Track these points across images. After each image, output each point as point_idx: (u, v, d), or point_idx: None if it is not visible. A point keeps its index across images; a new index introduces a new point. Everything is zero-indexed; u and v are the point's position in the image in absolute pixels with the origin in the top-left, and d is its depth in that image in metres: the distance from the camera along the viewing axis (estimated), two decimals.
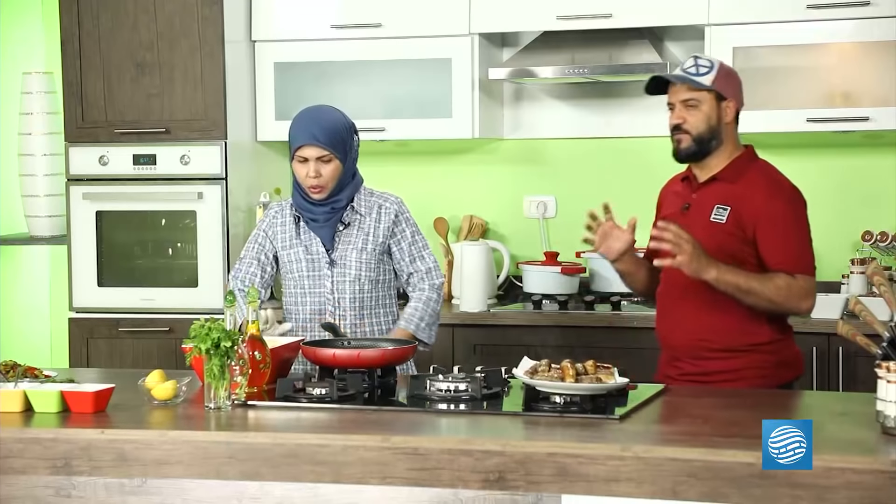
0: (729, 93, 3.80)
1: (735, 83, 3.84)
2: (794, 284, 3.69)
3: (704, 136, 3.79)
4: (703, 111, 3.79)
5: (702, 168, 3.84)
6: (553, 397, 3.30)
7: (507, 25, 5.44)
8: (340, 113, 4.12)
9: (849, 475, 2.75)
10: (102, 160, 5.50)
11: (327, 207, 4.04)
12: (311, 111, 4.08)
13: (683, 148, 3.82)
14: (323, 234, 4.06)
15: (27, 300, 6.19)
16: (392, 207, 4.10)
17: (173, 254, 5.53)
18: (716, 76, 3.78)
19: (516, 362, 3.44)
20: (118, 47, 5.48)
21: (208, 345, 3.29)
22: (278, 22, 5.57)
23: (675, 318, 3.83)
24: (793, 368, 3.85)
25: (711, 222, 3.76)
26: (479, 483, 2.95)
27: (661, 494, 2.85)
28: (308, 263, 4.07)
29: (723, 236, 3.74)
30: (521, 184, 5.75)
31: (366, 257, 4.05)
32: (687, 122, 3.79)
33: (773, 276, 3.69)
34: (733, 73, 3.86)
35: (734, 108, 3.82)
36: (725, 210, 3.76)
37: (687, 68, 3.81)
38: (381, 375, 3.66)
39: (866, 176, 5.34)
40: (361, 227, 4.07)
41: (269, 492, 3.11)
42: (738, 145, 3.86)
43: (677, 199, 3.91)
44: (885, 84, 5.00)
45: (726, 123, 3.81)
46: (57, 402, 3.31)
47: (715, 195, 3.79)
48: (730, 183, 3.79)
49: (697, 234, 3.74)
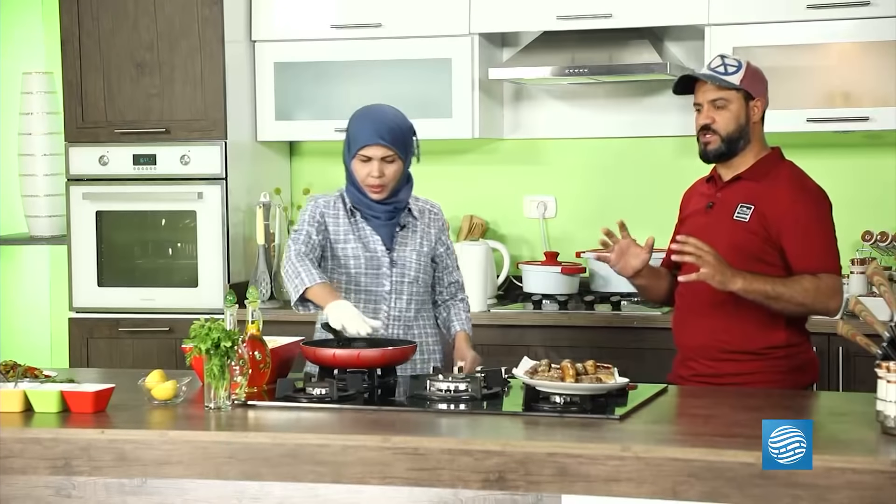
0: (757, 91, 3.80)
1: (762, 82, 3.83)
2: (820, 285, 3.68)
3: (734, 135, 3.77)
4: (732, 111, 3.77)
5: (727, 167, 3.83)
6: (553, 397, 3.30)
7: (507, 25, 5.43)
8: (402, 114, 4.06)
9: (849, 475, 2.75)
10: (102, 160, 5.50)
11: (390, 206, 3.98)
12: (375, 110, 4.02)
13: (712, 149, 3.79)
14: (383, 232, 4.00)
15: (27, 300, 6.19)
16: (440, 214, 4.13)
17: (173, 254, 5.53)
18: (744, 75, 3.77)
19: (516, 362, 3.44)
20: (118, 47, 5.48)
21: (208, 345, 3.29)
22: (278, 22, 5.57)
23: (692, 318, 3.81)
24: (807, 374, 3.83)
25: (734, 220, 3.75)
26: (479, 483, 2.95)
27: (661, 494, 2.85)
28: (367, 260, 3.99)
29: (745, 234, 3.72)
30: (521, 184, 5.75)
31: (423, 259, 4.04)
32: (716, 122, 3.77)
33: (799, 279, 3.67)
34: (760, 72, 3.85)
35: (762, 107, 3.81)
36: (749, 209, 3.74)
37: (715, 67, 3.79)
38: (381, 375, 3.66)
39: (866, 176, 5.34)
40: (416, 230, 4.05)
41: (269, 492, 3.11)
42: (764, 145, 3.86)
43: (702, 199, 3.89)
44: (885, 84, 4.99)
45: (754, 123, 3.80)
46: (57, 402, 3.31)
47: (739, 194, 3.78)
48: (755, 182, 3.78)
49: (720, 231, 3.74)
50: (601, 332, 5.06)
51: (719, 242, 3.69)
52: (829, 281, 3.70)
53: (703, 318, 3.78)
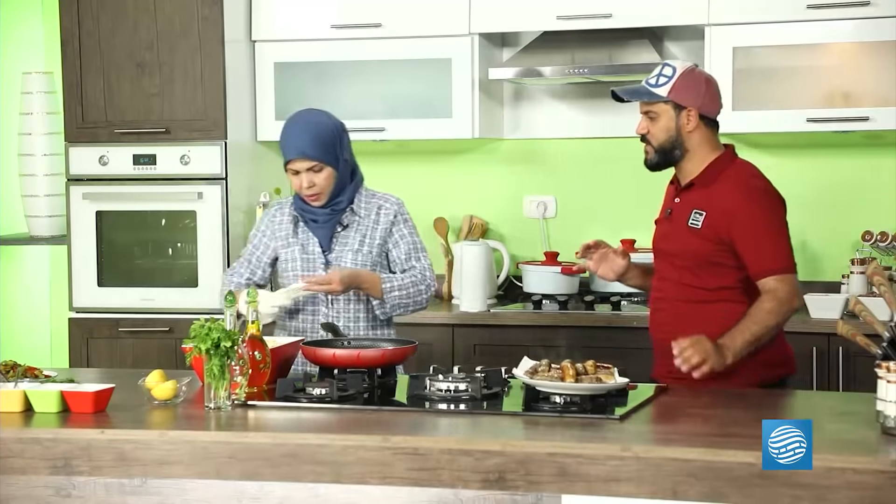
0: (688, 101, 3.76)
1: (697, 89, 3.77)
2: (779, 296, 3.66)
3: (665, 146, 3.80)
4: (662, 122, 3.79)
5: (680, 172, 3.86)
6: (553, 397, 3.30)
7: (507, 25, 5.43)
8: (326, 116, 4.09)
9: (849, 475, 2.75)
10: (102, 160, 5.50)
11: (328, 209, 4.04)
12: (297, 121, 4.06)
13: (648, 160, 3.86)
14: (321, 234, 4.06)
15: (27, 300, 6.19)
16: (391, 209, 4.09)
17: (173, 254, 5.53)
18: (672, 86, 3.75)
19: (516, 362, 3.44)
20: (118, 47, 5.48)
21: (208, 345, 3.29)
22: (278, 22, 5.57)
23: (665, 317, 3.85)
24: (782, 367, 3.83)
25: (688, 227, 3.78)
26: (479, 483, 2.95)
27: (661, 494, 2.85)
28: (304, 263, 4.06)
29: (699, 241, 3.75)
30: (521, 184, 5.75)
31: (361, 259, 4.04)
32: (650, 132, 3.82)
33: (760, 304, 3.67)
34: (699, 78, 3.80)
35: (696, 116, 3.78)
36: (701, 215, 3.76)
37: (648, 78, 3.81)
38: (381, 375, 3.66)
39: (866, 176, 5.34)
40: (359, 228, 4.06)
41: (269, 492, 3.11)
42: (714, 148, 3.83)
43: (667, 204, 3.94)
44: (885, 84, 4.99)
45: (689, 132, 3.79)
46: (57, 402, 3.31)
47: (693, 200, 3.80)
48: (705, 187, 3.79)
49: (677, 239, 3.80)
50: (601, 332, 5.06)
51: (676, 250, 3.80)
52: (784, 286, 3.68)
53: (675, 317, 3.80)
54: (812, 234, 5.39)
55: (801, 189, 5.40)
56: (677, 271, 3.80)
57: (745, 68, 5.11)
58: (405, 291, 4.02)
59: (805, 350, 4.86)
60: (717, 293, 3.75)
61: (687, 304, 3.78)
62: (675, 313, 3.80)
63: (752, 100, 5.14)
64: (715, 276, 3.75)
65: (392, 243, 4.08)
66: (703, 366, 3.56)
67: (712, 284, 3.75)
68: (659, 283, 3.89)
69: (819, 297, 5.00)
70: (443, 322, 5.24)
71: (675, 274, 3.81)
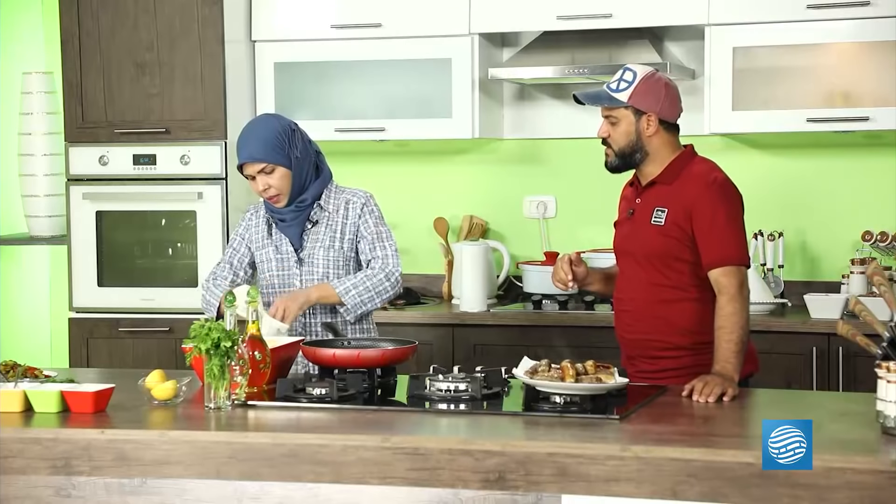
0: (647, 106, 3.76)
1: (656, 94, 3.77)
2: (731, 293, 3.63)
3: (626, 150, 3.80)
4: (622, 127, 3.79)
5: (640, 173, 3.87)
6: (553, 397, 3.30)
7: (507, 25, 5.43)
8: (275, 118, 4.14)
9: (849, 475, 2.75)
10: (102, 160, 5.51)
11: (293, 207, 4.06)
12: (245, 128, 4.11)
13: (608, 162, 3.85)
14: (291, 233, 4.09)
15: (27, 300, 6.19)
16: (359, 202, 4.11)
17: (173, 254, 5.54)
18: (633, 91, 3.75)
19: (516, 362, 3.44)
20: (118, 47, 5.48)
21: (208, 345, 3.29)
22: (278, 22, 5.57)
23: (628, 318, 3.85)
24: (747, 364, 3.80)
25: (652, 225, 3.78)
26: (479, 483, 2.95)
27: (661, 494, 2.85)
28: (277, 263, 4.09)
29: (662, 239, 3.76)
30: (521, 184, 5.75)
31: (333, 255, 4.06)
32: (611, 136, 3.82)
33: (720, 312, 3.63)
34: (658, 82, 3.79)
35: (655, 120, 3.77)
36: (664, 212, 3.77)
37: (609, 83, 3.81)
38: (381, 375, 3.66)
39: (866, 176, 5.34)
40: (329, 224, 4.08)
41: (269, 492, 3.11)
42: (674, 149, 3.83)
43: (626, 205, 3.94)
44: (885, 84, 4.99)
45: (649, 136, 3.78)
46: (57, 402, 3.31)
47: (654, 198, 3.81)
48: (667, 185, 3.80)
49: (640, 238, 3.80)
50: (601, 332, 5.05)
51: (640, 249, 3.79)
52: (729, 280, 3.65)
53: (638, 318, 3.81)
54: (812, 234, 5.39)
55: (801, 189, 5.40)
56: (643, 270, 3.80)
57: (745, 68, 5.11)
58: (362, 286, 4.01)
59: (805, 350, 4.87)
60: (684, 291, 3.75)
61: (654, 304, 3.78)
62: (642, 313, 3.80)
63: (752, 100, 5.14)
64: (680, 273, 3.75)
65: (360, 236, 4.09)
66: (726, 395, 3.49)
67: (678, 282, 3.75)
68: (623, 283, 3.88)
69: (819, 297, 5.00)
70: (443, 322, 5.24)
71: (640, 273, 3.81)
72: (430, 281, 5.79)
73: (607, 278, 4.01)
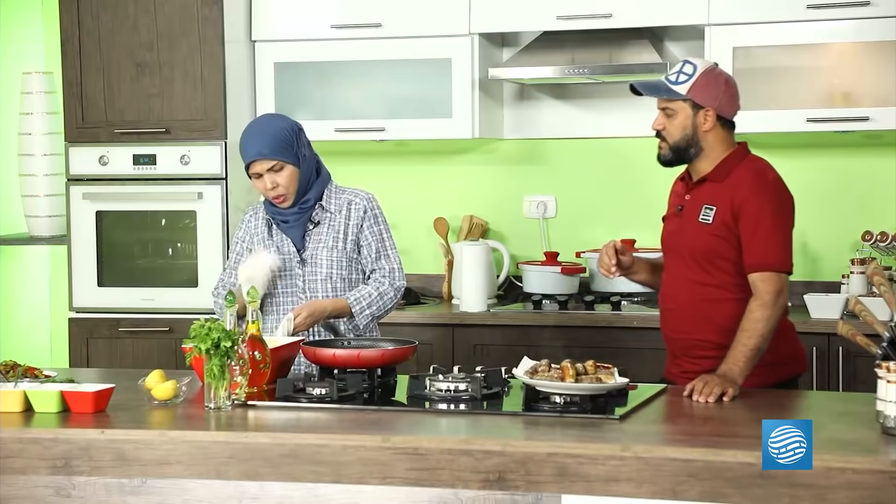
0: (707, 101, 3.74)
1: (716, 89, 3.76)
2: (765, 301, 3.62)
3: (681, 144, 3.77)
4: (679, 120, 3.76)
5: (693, 169, 3.84)
6: (553, 397, 3.30)
7: (507, 25, 5.43)
8: (280, 117, 4.14)
9: (849, 475, 2.76)
10: (102, 160, 5.51)
11: (296, 208, 4.06)
12: (251, 126, 4.10)
13: (662, 155, 3.83)
14: (293, 234, 4.08)
15: (27, 300, 6.19)
16: (362, 203, 4.11)
17: (173, 254, 5.54)
18: (693, 84, 3.73)
19: (516, 362, 3.44)
20: (118, 47, 5.48)
21: (208, 345, 3.29)
22: (278, 22, 5.57)
23: (672, 316, 3.84)
24: (792, 366, 3.83)
25: (699, 223, 3.76)
26: (479, 483, 2.95)
27: (661, 494, 2.85)
28: (280, 264, 4.07)
29: (708, 237, 3.74)
30: (521, 184, 5.75)
31: (336, 255, 4.06)
32: (666, 129, 3.79)
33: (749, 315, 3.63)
34: (719, 78, 3.78)
35: (713, 116, 3.76)
36: (712, 210, 3.75)
37: (668, 75, 3.79)
38: (381, 375, 3.66)
39: (866, 176, 5.34)
40: (332, 224, 4.08)
41: (269, 492, 3.11)
42: (728, 146, 3.81)
43: (676, 200, 3.92)
44: (885, 84, 4.99)
45: (705, 132, 3.77)
46: (57, 402, 3.31)
47: (704, 196, 3.79)
48: (718, 182, 3.78)
49: (687, 235, 3.78)
50: (601, 332, 5.06)
51: (686, 246, 3.78)
52: (768, 286, 3.64)
53: (684, 317, 3.80)
54: (812, 234, 5.38)
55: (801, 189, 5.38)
56: (688, 268, 3.78)
57: (745, 68, 5.10)
58: (375, 306, 4.05)
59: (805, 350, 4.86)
60: (728, 291, 3.73)
61: (697, 303, 3.75)
62: (686, 311, 3.78)
63: (752, 100, 5.11)
64: (725, 272, 3.73)
65: (362, 238, 4.09)
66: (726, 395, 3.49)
67: (722, 281, 3.73)
68: (669, 280, 3.87)
69: (819, 297, 5.00)
70: (443, 322, 5.24)
71: (685, 270, 3.79)
72: (430, 281, 5.79)
73: (653, 269, 3.97)
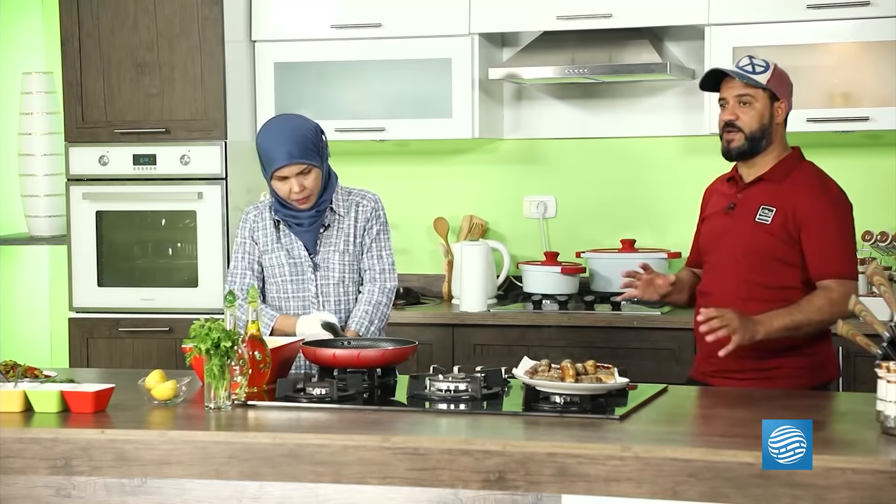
0: (782, 93, 3.79)
1: (787, 85, 3.82)
2: (832, 297, 3.65)
3: (756, 134, 3.77)
4: (757, 109, 3.77)
5: (749, 167, 3.83)
6: (553, 397, 3.30)
7: (507, 25, 5.43)
8: (304, 119, 4.05)
9: (849, 475, 2.75)
10: (102, 160, 5.51)
11: (312, 211, 4.02)
12: (280, 127, 4.00)
13: (735, 147, 3.79)
14: (306, 238, 4.04)
15: (27, 300, 6.19)
16: (368, 205, 4.10)
17: (173, 254, 5.53)
18: (771, 76, 3.77)
19: (516, 362, 3.44)
20: (118, 47, 5.48)
21: (208, 345, 3.29)
22: (278, 22, 5.57)
23: None
24: (827, 371, 3.83)
25: (756, 223, 3.75)
26: (479, 483, 2.95)
27: (661, 494, 2.85)
28: (291, 267, 4.05)
29: (766, 237, 3.73)
30: (521, 184, 5.75)
31: (348, 259, 4.05)
32: (740, 118, 3.77)
33: (812, 298, 3.66)
34: (786, 75, 3.84)
35: (785, 108, 3.80)
36: (771, 211, 3.74)
37: (743, 66, 3.79)
38: (381, 375, 3.66)
39: (866, 176, 5.33)
40: (341, 227, 4.06)
41: (269, 492, 3.11)
42: (786, 147, 3.85)
43: (722, 199, 3.89)
44: (885, 84, 4.99)
45: (777, 124, 3.80)
46: (57, 402, 3.31)
47: (761, 195, 3.78)
48: (776, 183, 3.78)
49: (742, 233, 3.76)
50: (601, 332, 5.06)
51: (740, 244, 3.75)
52: (840, 289, 3.67)
53: None
54: None
55: None
56: (738, 266, 3.76)
57: None
58: (377, 319, 4.05)
59: None
60: (779, 292, 3.72)
61: (744, 301, 3.70)
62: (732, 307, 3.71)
63: None
64: (779, 273, 3.73)
65: (369, 235, 4.08)
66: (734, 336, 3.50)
67: (775, 282, 3.73)
68: (713, 278, 3.82)
69: None
70: (443, 322, 5.24)
71: (735, 269, 3.77)
72: (430, 281, 5.79)
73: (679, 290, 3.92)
